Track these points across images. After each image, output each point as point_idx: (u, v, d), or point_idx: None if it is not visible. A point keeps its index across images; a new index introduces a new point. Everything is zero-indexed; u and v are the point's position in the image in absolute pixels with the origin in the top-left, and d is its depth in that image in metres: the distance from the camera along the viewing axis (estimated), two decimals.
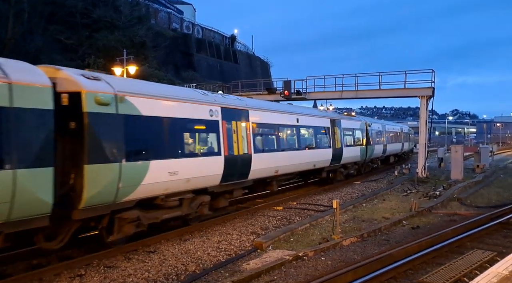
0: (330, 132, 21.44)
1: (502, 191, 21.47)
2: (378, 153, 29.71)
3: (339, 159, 22.21)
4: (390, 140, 33.85)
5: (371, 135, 27.77)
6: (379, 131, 30.62)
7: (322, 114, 22.18)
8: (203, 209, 12.46)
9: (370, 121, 29.52)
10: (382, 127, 31.99)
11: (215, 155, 12.65)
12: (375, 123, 31.02)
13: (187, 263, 9.64)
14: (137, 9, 53.71)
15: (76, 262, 9.33)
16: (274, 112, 17.07)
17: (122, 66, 29.66)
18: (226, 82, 45.92)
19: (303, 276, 8.66)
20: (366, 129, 27.04)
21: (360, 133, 26.09)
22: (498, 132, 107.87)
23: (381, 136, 31.00)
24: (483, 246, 10.73)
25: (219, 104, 13.17)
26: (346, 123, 23.95)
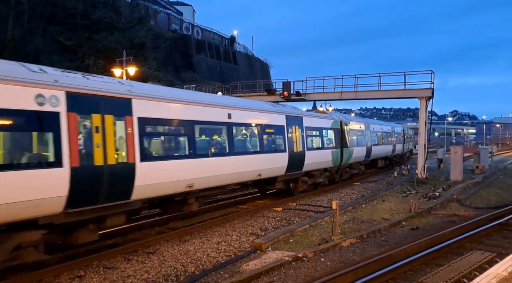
0: (286, 132, 17.08)
1: (501, 192, 21.47)
2: (359, 156, 25.62)
3: (299, 165, 17.95)
4: (377, 141, 29.86)
5: (349, 136, 23.76)
6: (361, 131, 26.47)
7: (273, 109, 17.09)
8: None
9: (348, 119, 25.30)
10: (365, 126, 27.61)
11: None
12: (355, 122, 26.56)
13: (187, 264, 9.64)
14: (136, 10, 53.76)
15: (75, 263, 9.32)
16: (184, 104, 12.24)
17: (121, 67, 29.73)
18: (226, 83, 45.96)
19: (303, 277, 8.66)
20: (342, 129, 22.99)
21: (333, 133, 21.91)
22: (498, 133, 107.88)
23: (364, 137, 26.78)
24: (483, 247, 10.73)
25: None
26: (310, 121, 19.53)
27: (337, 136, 22.19)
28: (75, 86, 8.98)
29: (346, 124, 23.49)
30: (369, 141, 27.60)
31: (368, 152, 27.11)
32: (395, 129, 37.46)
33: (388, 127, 35.33)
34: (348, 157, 23.30)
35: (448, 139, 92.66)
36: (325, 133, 21.23)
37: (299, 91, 30.29)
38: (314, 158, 19.25)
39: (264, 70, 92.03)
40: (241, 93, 33.81)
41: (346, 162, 23.29)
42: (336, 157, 21.78)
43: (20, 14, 38.19)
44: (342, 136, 22.69)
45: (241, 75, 75.95)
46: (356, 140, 25.03)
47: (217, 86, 39.90)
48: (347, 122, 23.84)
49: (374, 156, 28.86)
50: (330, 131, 21.68)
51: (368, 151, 27.21)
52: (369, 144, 27.39)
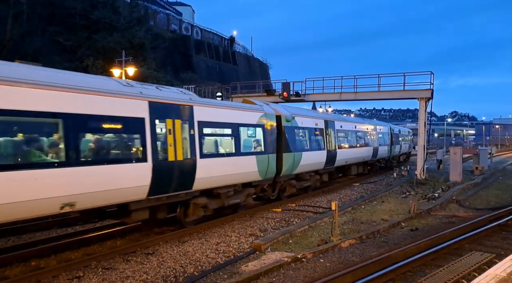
0: (150, 129, 10.81)
1: (501, 193, 21.49)
2: (312, 163, 19.48)
3: (182, 182, 11.73)
4: (348, 143, 24.33)
5: (294, 136, 17.86)
6: (318, 130, 20.43)
7: (124, 91, 10.51)
8: None
9: (294, 112, 18.50)
10: (326, 123, 21.38)
11: None
12: (306, 117, 19.57)
13: (186, 265, 9.62)
14: (136, 10, 53.70)
15: (74, 264, 9.31)
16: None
17: (121, 68, 29.72)
18: (225, 83, 45.94)
19: (302, 278, 8.66)
20: (280, 126, 16.89)
21: (261, 132, 15.64)
22: (497, 134, 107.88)
23: (324, 137, 20.85)
24: (482, 248, 10.73)
25: None
26: (207, 114, 12.87)
27: (270, 136, 15.92)
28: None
29: (289, 119, 17.46)
30: (332, 142, 21.68)
31: (330, 157, 21.18)
32: (377, 128, 31.40)
33: (366, 126, 29.07)
34: (291, 165, 17.26)
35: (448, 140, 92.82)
36: (246, 131, 15.30)
37: (298, 91, 30.30)
38: (219, 168, 13.03)
39: (263, 70, 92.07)
40: (240, 94, 33.82)
41: (288, 172, 17.32)
42: (268, 166, 15.53)
43: (19, 14, 38.12)
44: (280, 137, 16.73)
45: (241, 75, 75.99)
46: (307, 142, 19.18)
47: (216, 87, 39.87)
48: (290, 117, 17.64)
49: (342, 162, 22.96)
50: (256, 129, 15.59)
51: (331, 155, 21.30)
52: (332, 146, 21.48)
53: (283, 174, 16.95)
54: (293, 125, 17.84)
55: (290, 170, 17.47)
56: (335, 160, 21.96)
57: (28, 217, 8.62)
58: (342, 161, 23.02)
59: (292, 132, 17.71)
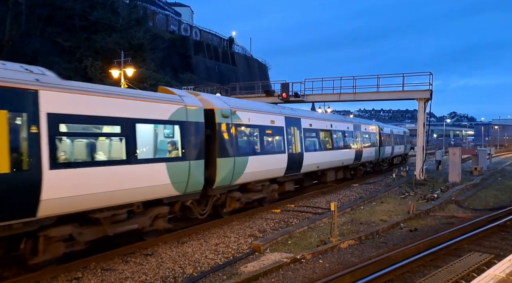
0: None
1: (499, 194, 21.52)
2: (265, 170, 15.59)
3: (23, 206, 8.02)
4: (321, 145, 20.66)
5: (233, 138, 13.79)
6: (272, 129, 16.53)
7: None
8: None
9: (237, 106, 14.57)
10: (286, 121, 17.42)
11: None
12: (257, 113, 15.73)
13: (185, 266, 9.62)
14: (135, 11, 53.71)
15: (73, 265, 9.30)
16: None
17: (119, 68, 29.71)
18: (224, 84, 45.97)
19: (301, 278, 8.66)
20: (213, 125, 13.14)
21: (178, 131, 11.78)
22: (496, 135, 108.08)
23: (285, 138, 17.11)
24: (481, 249, 10.74)
25: None
26: (73, 104, 9.03)
27: (194, 137, 12.08)
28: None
29: (226, 115, 13.50)
30: (297, 144, 18.07)
31: (294, 162, 17.51)
32: (362, 127, 27.48)
33: (347, 124, 25.09)
34: (230, 174, 13.47)
35: (447, 141, 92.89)
36: (149, 130, 11.30)
37: (297, 92, 30.32)
38: (92, 182, 9.21)
39: (262, 71, 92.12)
40: (239, 95, 33.84)
41: (227, 183, 13.44)
42: (189, 176, 11.71)
43: (18, 15, 38.11)
44: (213, 137, 13.01)
45: (240, 76, 76.06)
46: (258, 144, 15.47)
47: (215, 87, 39.89)
48: (228, 112, 13.61)
49: (311, 167, 19.49)
50: (169, 127, 11.85)
51: (295, 160, 17.64)
52: (296, 148, 17.85)
53: (218, 186, 13.07)
54: (234, 122, 13.86)
55: (229, 180, 13.48)
56: (302, 165, 18.28)
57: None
58: (311, 166, 19.36)
59: (233, 131, 13.79)
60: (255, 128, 15.37)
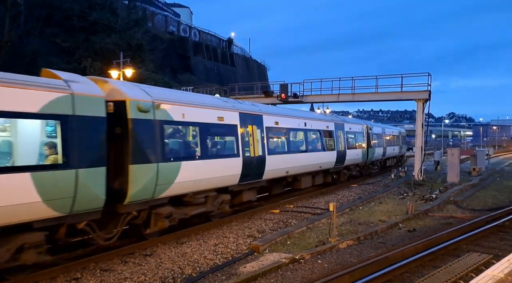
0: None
1: (498, 194, 21.55)
2: (209, 177, 12.66)
3: None
4: (291, 146, 17.74)
5: (156, 138, 10.88)
6: (219, 127, 13.52)
7: None
8: None
9: (166, 98, 11.57)
10: (240, 119, 14.45)
11: None
12: (196, 107, 12.59)
13: (184, 266, 9.63)
14: (134, 12, 53.72)
15: (72, 266, 9.30)
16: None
17: (118, 69, 29.70)
18: (223, 85, 45.98)
19: (300, 279, 8.67)
20: (125, 121, 10.18)
21: (60, 131, 8.62)
22: (494, 135, 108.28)
23: (238, 138, 14.18)
24: (479, 249, 10.76)
25: None
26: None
27: (87, 136, 9.11)
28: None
29: (145, 109, 10.44)
30: (257, 145, 15.18)
31: (252, 167, 14.74)
32: (346, 126, 24.30)
33: (326, 123, 21.89)
34: (152, 184, 10.50)
35: (445, 141, 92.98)
36: (8, 127, 8.60)
37: (296, 93, 30.35)
38: None
39: (261, 72, 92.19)
40: (238, 95, 33.85)
41: (147, 196, 10.50)
42: (77, 190, 8.75)
43: (17, 16, 38.10)
44: (125, 138, 10.08)
45: (239, 77, 76.10)
46: (196, 145, 12.43)
47: (214, 88, 39.89)
48: (148, 106, 10.56)
49: (278, 173, 16.66)
50: (42, 124, 8.85)
51: (255, 164, 14.91)
52: (255, 151, 15.04)
53: (132, 201, 10.03)
54: (158, 118, 10.85)
55: (151, 193, 10.54)
56: (263, 171, 15.45)
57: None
58: (278, 172, 16.60)
59: (157, 129, 10.79)
60: (193, 126, 12.36)
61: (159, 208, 11.24)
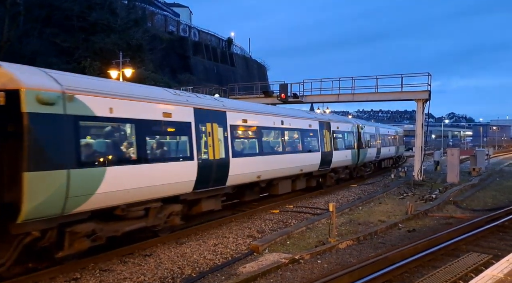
0: None
1: (498, 194, 21.55)
2: (148, 186, 10.34)
3: None
4: (263, 147, 15.65)
5: (54, 140, 8.31)
6: (160, 125, 11.17)
7: None
8: None
9: (78, 86, 9.02)
10: (195, 116, 12.20)
11: None
12: (124, 99, 10.02)
13: (183, 267, 9.62)
14: (133, 12, 53.69)
15: (71, 266, 9.27)
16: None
17: (118, 69, 29.68)
18: (223, 85, 45.97)
19: (299, 279, 8.66)
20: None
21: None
22: (494, 135, 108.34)
23: (192, 138, 12.00)
24: (479, 249, 10.75)
25: None
26: None
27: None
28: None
29: (49, 101, 8.20)
30: (218, 146, 13.02)
31: (211, 171, 12.64)
32: (332, 125, 22.06)
33: (308, 122, 19.72)
34: (58, 197, 8.29)
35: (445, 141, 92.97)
36: None
37: (296, 93, 30.36)
38: None
39: (261, 72, 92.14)
40: (238, 95, 33.85)
41: (51, 212, 8.28)
42: None
43: (16, 16, 38.08)
44: (19, 137, 7.76)
45: (238, 77, 76.05)
46: (130, 148, 10.28)
47: (214, 88, 39.90)
48: (52, 97, 8.27)
49: (247, 178, 14.66)
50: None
51: (215, 168, 12.72)
52: (215, 153, 12.80)
53: (30, 218, 7.87)
54: (71, 112, 8.65)
55: (60, 207, 8.34)
56: (227, 176, 13.35)
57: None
58: (247, 176, 14.54)
59: (67, 127, 8.60)
60: (126, 123, 10.13)
61: (76, 226, 8.90)
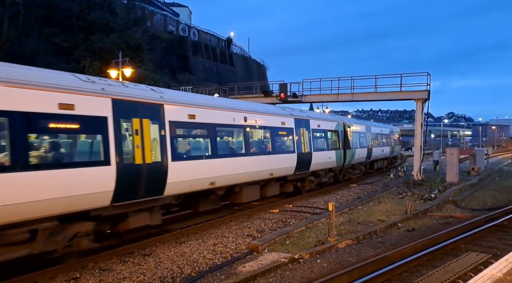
0: None
1: (497, 194, 21.57)
2: (22, 202, 7.54)
3: None
4: (218, 149, 13.18)
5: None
6: (47, 121, 8.33)
7: None
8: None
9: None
10: (113, 111, 9.62)
11: None
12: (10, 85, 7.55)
13: (183, 266, 9.63)
14: (132, 11, 53.71)
15: (71, 265, 9.29)
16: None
17: (117, 69, 29.68)
18: (223, 84, 45.96)
19: (299, 278, 8.67)
20: None
21: None
22: (493, 135, 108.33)
23: (110, 138, 9.48)
24: (478, 249, 10.77)
25: None
26: None
27: None
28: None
29: None
30: (154, 148, 10.80)
31: (139, 179, 10.24)
32: (311, 123, 19.64)
33: (280, 118, 17.23)
34: None
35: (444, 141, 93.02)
36: None
37: (295, 92, 30.37)
38: None
39: (261, 71, 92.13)
40: (237, 95, 33.86)
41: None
42: None
43: (15, 16, 38.09)
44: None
45: (238, 77, 76.03)
46: (3, 151, 7.57)
47: (213, 88, 39.89)
48: None
49: (186, 187, 11.82)
50: None
51: (139, 175, 10.14)
52: (148, 156, 10.46)
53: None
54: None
55: None
56: (165, 184, 10.82)
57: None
58: (195, 183, 12.02)
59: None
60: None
61: None
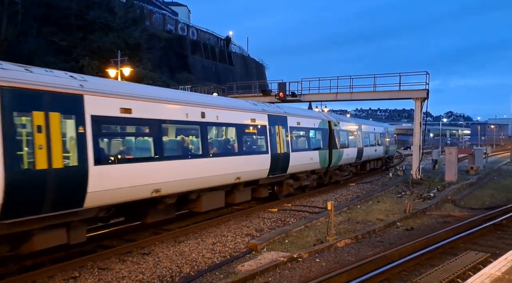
0: None
1: (495, 193, 21.58)
2: None
3: None
4: (152, 149, 10.74)
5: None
6: None
7: None
8: None
9: None
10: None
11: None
12: None
13: (182, 265, 9.62)
14: (131, 10, 53.66)
15: (70, 264, 9.29)
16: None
17: (116, 68, 29.62)
18: (221, 83, 45.94)
19: (298, 277, 8.67)
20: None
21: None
22: (492, 134, 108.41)
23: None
24: (477, 248, 10.78)
25: None
26: None
27: None
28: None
29: None
30: (72, 150, 8.81)
31: (43, 190, 8.09)
32: (290, 120, 17.63)
33: (240, 114, 14.78)
34: None
35: (443, 140, 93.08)
36: None
37: (294, 92, 30.37)
38: None
39: (259, 71, 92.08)
40: (236, 94, 33.84)
41: None
42: None
43: (14, 15, 38.05)
44: None
45: (237, 76, 75.96)
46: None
47: (212, 87, 39.87)
48: None
49: (117, 197, 9.83)
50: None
51: (44, 184, 8.11)
52: (58, 160, 8.30)
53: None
54: None
55: None
56: (85, 195, 8.87)
57: None
58: (131, 192, 10.10)
59: None
60: None
61: None
